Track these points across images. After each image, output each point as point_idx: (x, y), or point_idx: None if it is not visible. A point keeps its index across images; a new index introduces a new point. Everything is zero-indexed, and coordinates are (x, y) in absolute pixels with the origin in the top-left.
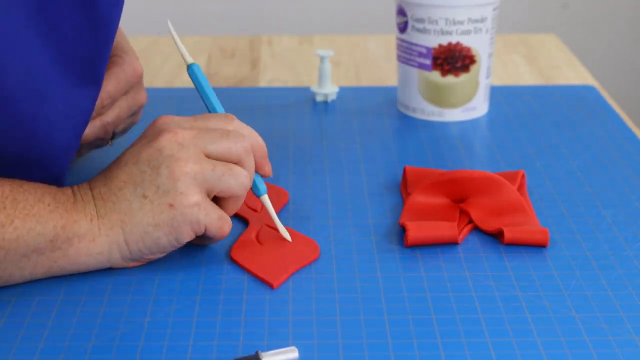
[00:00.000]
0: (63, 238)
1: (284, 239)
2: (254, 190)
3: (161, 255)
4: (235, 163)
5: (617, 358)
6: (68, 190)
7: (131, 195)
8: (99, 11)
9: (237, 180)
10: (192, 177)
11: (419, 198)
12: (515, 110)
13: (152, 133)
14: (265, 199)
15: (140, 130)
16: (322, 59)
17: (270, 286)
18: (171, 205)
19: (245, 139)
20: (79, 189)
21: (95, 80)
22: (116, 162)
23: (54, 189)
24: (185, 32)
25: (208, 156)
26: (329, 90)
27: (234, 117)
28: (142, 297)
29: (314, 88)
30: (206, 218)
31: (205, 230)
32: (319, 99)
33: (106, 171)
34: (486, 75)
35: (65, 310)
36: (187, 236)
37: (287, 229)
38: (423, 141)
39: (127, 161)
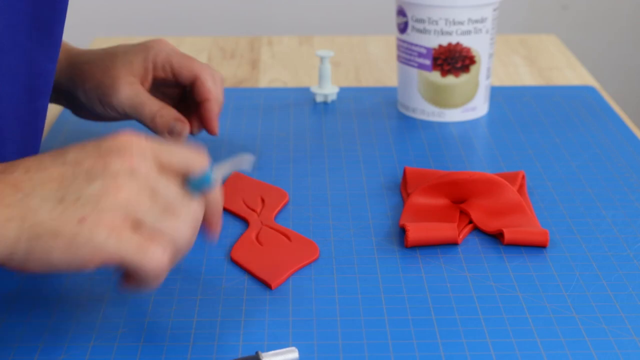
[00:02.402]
0: None
1: (284, 239)
2: (201, 187)
3: (47, 272)
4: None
5: (617, 358)
6: None
7: (49, 195)
8: None
9: (176, 229)
10: (122, 205)
11: (419, 199)
12: (515, 110)
13: (108, 145)
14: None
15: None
16: (322, 59)
17: (269, 287)
18: (82, 220)
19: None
20: None
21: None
22: (57, 155)
23: None
24: (185, 32)
25: (155, 194)
26: (329, 90)
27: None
28: (142, 297)
29: (314, 88)
30: (119, 246)
31: (124, 264)
32: (319, 99)
33: (39, 159)
34: (486, 75)
35: (65, 310)
36: (88, 262)
37: (286, 230)
38: (423, 141)
39: (67, 161)
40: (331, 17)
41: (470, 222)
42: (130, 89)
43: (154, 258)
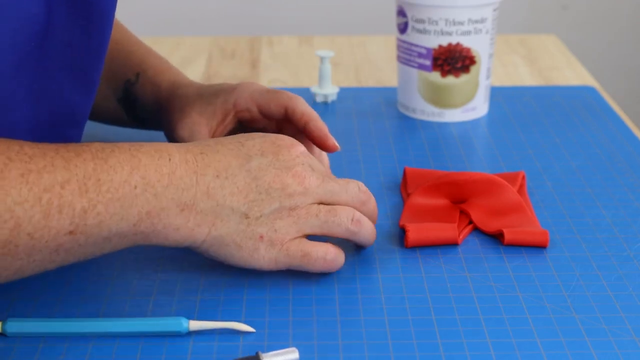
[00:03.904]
0: (147, 223)
1: None
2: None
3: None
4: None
5: (617, 358)
6: (164, 166)
7: (236, 207)
8: (93, 11)
9: (341, 225)
10: (294, 222)
11: (419, 199)
12: (515, 110)
13: (285, 159)
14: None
15: None
16: (322, 59)
17: None
18: (261, 237)
19: (364, 202)
20: (180, 166)
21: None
22: (241, 155)
23: (144, 161)
24: (185, 32)
25: (322, 203)
26: (329, 91)
27: (366, 190)
28: (142, 298)
29: (314, 89)
30: (285, 259)
31: (293, 267)
32: (319, 99)
33: (221, 161)
34: (486, 75)
35: (65, 311)
36: (259, 268)
37: None
38: (423, 142)
39: (251, 169)
40: (331, 17)
41: (471, 222)
42: (189, 131)
43: (320, 256)
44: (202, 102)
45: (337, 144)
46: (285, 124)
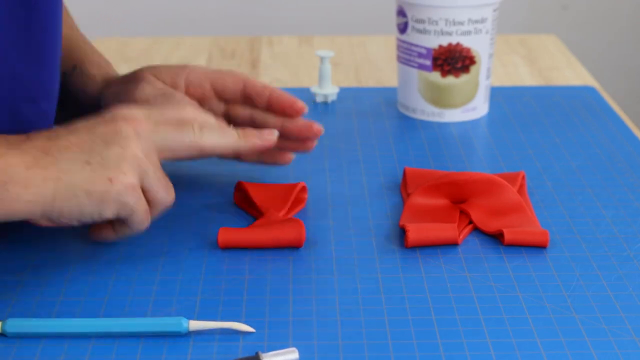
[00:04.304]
0: (1, 180)
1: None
2: None
3: (75, 224)
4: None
5: (617, 358)
6: (1, 138)
7: (75, 157)
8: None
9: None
10: (137, 163)
11: (419, 199)
12: (515, 111)
13: (111, 117)
14: None
15: None
16: (322, 59)
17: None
18: (110, 180)
19: (196, 133)
20: (15, 137)
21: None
22: (67, 127)
23: None
24: (185, 32)
25: (157, 147)
26: (329, 91)
27: (188, 102)
28: (142, 297)
29: (314, 89)
30: (135, 205)
31: (129, 217)
32: (319, 99)
33: (51, 131)
34: (486, 75)
35: (65, 311)
36: (110, 214)
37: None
38: (423, 142)
39: (79, 129)
40: (331, 17)
41: (471, 222)
42: (151, 88)
43: (148, 222)
44: (151, 71)
45: (302, 103)
46: (236, 107)
